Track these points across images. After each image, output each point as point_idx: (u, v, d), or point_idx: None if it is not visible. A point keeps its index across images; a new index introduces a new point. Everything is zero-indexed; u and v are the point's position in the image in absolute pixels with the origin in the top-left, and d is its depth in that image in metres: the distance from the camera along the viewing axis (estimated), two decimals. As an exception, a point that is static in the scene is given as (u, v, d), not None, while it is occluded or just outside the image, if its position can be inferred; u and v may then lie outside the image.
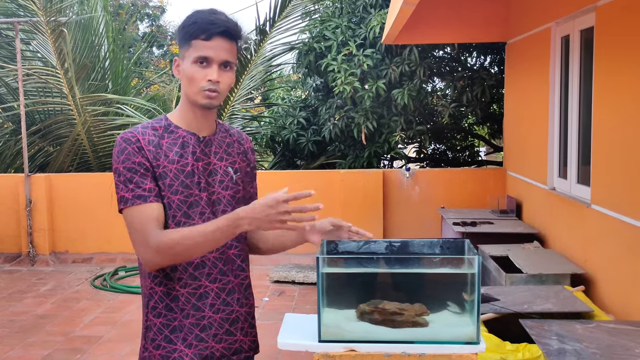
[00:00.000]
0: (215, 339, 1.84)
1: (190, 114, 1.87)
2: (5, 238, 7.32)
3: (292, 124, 8.41)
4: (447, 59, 8.21)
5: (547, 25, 5.19)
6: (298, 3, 8.72)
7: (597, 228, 4.15)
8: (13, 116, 8.68)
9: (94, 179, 7.41)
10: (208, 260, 1.84)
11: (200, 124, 1.88)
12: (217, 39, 1.78)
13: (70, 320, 5.26)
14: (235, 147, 1.96)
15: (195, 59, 1.78)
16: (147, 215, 1.74)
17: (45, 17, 7.62)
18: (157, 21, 19.75)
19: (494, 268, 4.48)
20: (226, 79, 1.82)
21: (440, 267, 1.82)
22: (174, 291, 1.82)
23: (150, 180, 1.77)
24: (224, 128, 1.98)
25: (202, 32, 1.77)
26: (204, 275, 1.83)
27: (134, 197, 1.75)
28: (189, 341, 1.81)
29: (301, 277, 6.20)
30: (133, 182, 1.76)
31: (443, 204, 6.88)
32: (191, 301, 1.82)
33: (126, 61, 9.87)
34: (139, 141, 1.79)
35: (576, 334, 2.97)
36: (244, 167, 1.97)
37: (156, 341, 1.82)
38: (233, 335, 1.88)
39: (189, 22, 1.81)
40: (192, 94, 1.82)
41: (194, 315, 1.82)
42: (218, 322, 1.85)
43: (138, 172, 1.77)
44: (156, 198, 1.77)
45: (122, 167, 1.77)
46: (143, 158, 1.78)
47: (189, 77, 1.80)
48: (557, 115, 5.11)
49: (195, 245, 1.71)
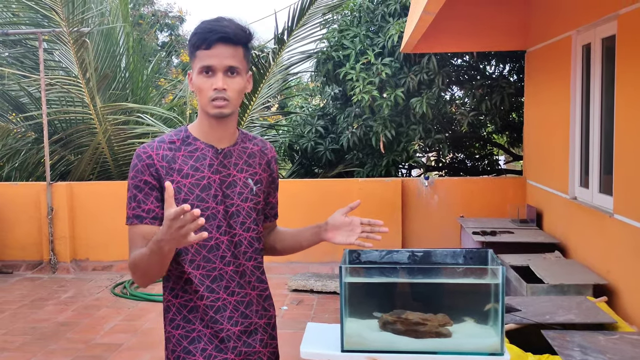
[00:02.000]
0: (234, 351, 1.84)
1: (207, 124, 1.86)
2: (27, 246, 7.41)
3: (310, 132, 8.43)
4: (466, 67, 8.19)
5: (568, 33, 5.16)
6: (315, 11, 8.77)
7: (619, 238, 4.10)
8: (35, 125, 8.80)
9: (114, 187, 7.47)
10: (225, 273, 1.84)
11: (219, 135, 1.87)
12: (217, 46, 1.76)
13: (91, 328, 5.30)
14: (257, 157, 1.95)
15: (200, 70, 1.78)
16: (137, 236, 1.81)
17: (68, 27, 7.73)
18: (176, 30, 19.93)
19: (514, 278, 4.45)
20: (234, 85, 1.79)
21: (464, 277, 1.81)
22: (191, 303, 1.83)
23: (153, 200, 1.81)
24: (246, 138, 1.96)
25: (202, 42, 1.77)
26: (221, 288, 1.83)
27: (133, 215, 1.83)
28: (209, 352, 1.82)
29: (320, 285, 6.20)
30: (135, 201, 1.82)
31: (462, 213, 6.85)
32: (209, 313, 1.83)
33: (146, 71, 9.97)
34: (151, 157, 1.81)
35: (599, 345, 2.94)
36: (265, 177, 1.96)
37: (176, 352, 1.84)
38: (252, 347, 1.88)
39: (192, 34, 1.82)
40: (203, 105, 1.82)
41: (212, 327, 1.83)
42: (236, 334, 1.85)
43: (142, 190, 1.81)
44: (152, 220, 1.81)
45: (131, 183, 1.84)
46: (150, 176, 1.80)
47: (198, 88, 1.80)
48: (579, 123, 5.07)
49: (148, 266, 1.74)
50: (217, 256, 1.82)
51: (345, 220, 1.92)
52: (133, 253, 1.79)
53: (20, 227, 7.39)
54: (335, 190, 7.08)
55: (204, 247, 1.81)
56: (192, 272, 1.81)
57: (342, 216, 1.92)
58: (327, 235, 1.93)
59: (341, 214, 1.92)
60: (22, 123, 9.04)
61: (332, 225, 1.93)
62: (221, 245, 1.83)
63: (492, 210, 6.84)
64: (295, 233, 2.05)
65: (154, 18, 17.45)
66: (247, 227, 1.87)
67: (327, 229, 1.93)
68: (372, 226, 1.91)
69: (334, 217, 1.93)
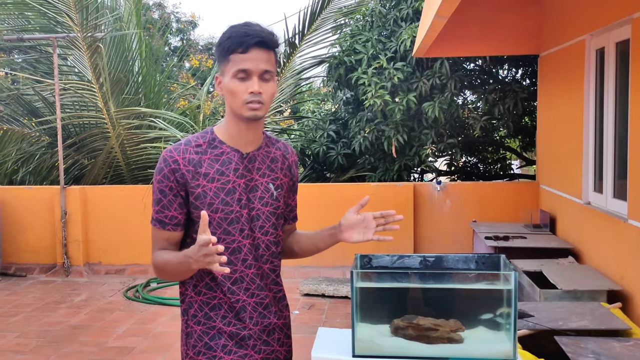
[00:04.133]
0: (254, 349, 1.88)
1: (235, 128, 1.88)
2: (40, 249, 7.46)
3: (322, 137, 8.43)
4: (479, 71, 8.16)
5: (582, 37, 5.13)
6: (328, 16, 8.78)
7: (634, 244, 4.06)
8: (49, 129, 8.87)
9: (127, 191, 7.52)
10: (246, 275, 1.87)
11: (246, 139, 1.89)
12: (253, 50, 1.79)
13: (104, 331, 5.33)
14: (279, 161, 1.97)
15: (234, 73, 1.80)
16: (160, 237, 1.88)
17: (82, 33, 7.80)
18: (187, 34, 20.03)
19: (527, 283, 4.41)
20: (268, 89, 1.82)
21: (476, 282, 1.80)
22: (214, 300, 1.87)
23: (177, 207, 1.85)
24: (270, 141, 1.98)
25: (238, 46, 1.79)
26: (242, 289, 1.87)
27: (156, 219, 1.88)
28: (229, 348, 1.85)
29: (331, 290, 6.19)
30: (160, 205, 1.86)
31: (474, 217, 6.81)
32: (230, 313, 1.87)
33: (159, 75, 10.02)
34: (177, 162, 1.83)
35: (613, 352, 2.91)
36: (286, 182, 1.99)
37: (197, 347, 1.87)
38: (270, 345, 1.92)
39: (224, 37, 1.83)
40: (237, 108, 1.83)
41: (234, 324, 1.86)
42: (257, 333, 1.89)
43: (167, 196, 1.84)
44: (174, 227, 1.87)
45: (157, 187, 1.87)
46: (176, 182, 1.83)
47: (231, 91, 1.81)
48: (592, 128, 5.03)
49: (174, 272, 1.86)
50: (238, 259, 1.86)
51: (358, 218, 1.91)
52: (157, 254, 1.89)
53: (34, 230, 7.45)
54: (347, 195, 7.07)
55: (227, 250, 1.84)
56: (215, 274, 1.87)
57: (354, 214, 1.92)
58: (343, 235, 1.93)
59: (353, 213, 1.91)
60: (37, 127, 9.12)
61: (346, 225, 1.92)
62: (243, 249, 1.86)
63: (505, 215, 6.80)
64: (311, 235, 2.06)
65: (164, 22, 17.55)
66: (265, 231, 1.90)
67: (342, 230, 1.93)
68: (386, 218, 1.90)
69: (346, 217, 1.93)
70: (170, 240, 1.88)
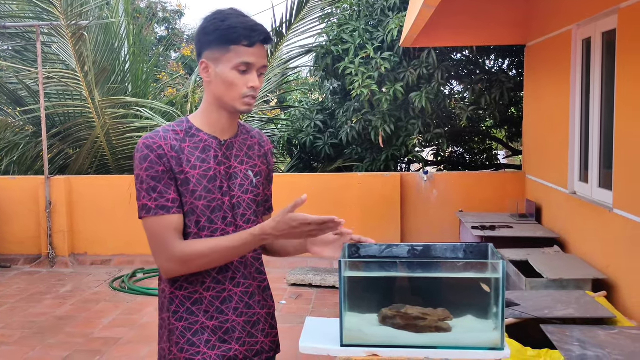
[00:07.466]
0: (238, 342, 1.86)
1: (215, 116, 1.86)
2: (25, 240, 7.40)
3: (309, 127, 8.41)
4: (465, 61, 8.17)
5: (568, 27, 5.14)
6: (315, 5, 8.74)
7: (619, 233, 4.10)
8: (33, 119, 8.77)
9: (113, 181, 7.46)
10: (231, 264, 1.85)
11: (224, 127, 1.88)
12: (258, 46, 1.80)
13: (89, 322, 5.30)
14: (256, 149, 1.96)
15: (237, 65, 1.78)
16: (168, 226, 1.76)
17: (66, 20, 7.70)
18: (173, 24, 19.87)
19: (513, 273, 4.44)
20: (261, 84, 1.85)
21: (464, 271, 1.80)
22: (196, 294, 1.83)
23: (174, 189, 1.78)
24: (245, 130, 1.97)
25: (244, 39, 1.77)
26: (227, 279, 1.85)
27: (157, 207, 1.76)
28: (212, 343, 1.82)
29: (318, 280, 6.20)
30: (157, 192, 1.76)
31: (461, 207, 6.84)
32: (215, 304, 1.83)
33: (145, 64, 9.94)
34: (162, 147, 1.78)
35: (598, 340, 2.94)
36: (264, 169, 1.97)
37: (179, 344, 1.83)
38: (254, 337, 1.90)
39: (224, 25, 1.78)
40: (231, 100, 1.81)
41: (217, 318, 1.83)
42: (241, 325, 1.86)
43: (162, 180, 1.76)
44: (179, 209, 1.78)
45: (145, 175, 1.76)
46: (166, 166, 1.77)
47: (229, 82, 1.79)
48: (578, 118, 5.06)
49: (221, 258, 1.78)
50: None
51: (335, 237, 1.93)
52: (184, 245, 1.76)
53: (19, 221, 7.38)
54: (334, 185, 7.07)
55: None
56: None
57: (333, 235, 1.92)
58: (313, 249, 1.94)
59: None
60: (21, 117, 9.02)
61: (321, 240, 1.94)
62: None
63: (492, 205, 6.84)
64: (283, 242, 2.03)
65: (150, 11, 17.39)
66: (247, 219, 1.88)
67: (314, 242, 1.94)
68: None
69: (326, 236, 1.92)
70: (179, 227, 1.77)
